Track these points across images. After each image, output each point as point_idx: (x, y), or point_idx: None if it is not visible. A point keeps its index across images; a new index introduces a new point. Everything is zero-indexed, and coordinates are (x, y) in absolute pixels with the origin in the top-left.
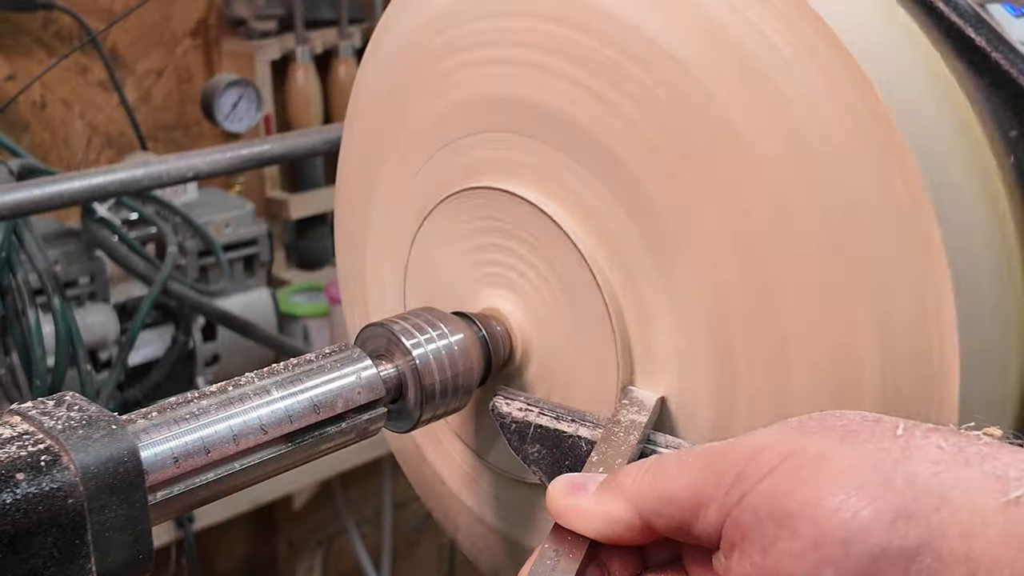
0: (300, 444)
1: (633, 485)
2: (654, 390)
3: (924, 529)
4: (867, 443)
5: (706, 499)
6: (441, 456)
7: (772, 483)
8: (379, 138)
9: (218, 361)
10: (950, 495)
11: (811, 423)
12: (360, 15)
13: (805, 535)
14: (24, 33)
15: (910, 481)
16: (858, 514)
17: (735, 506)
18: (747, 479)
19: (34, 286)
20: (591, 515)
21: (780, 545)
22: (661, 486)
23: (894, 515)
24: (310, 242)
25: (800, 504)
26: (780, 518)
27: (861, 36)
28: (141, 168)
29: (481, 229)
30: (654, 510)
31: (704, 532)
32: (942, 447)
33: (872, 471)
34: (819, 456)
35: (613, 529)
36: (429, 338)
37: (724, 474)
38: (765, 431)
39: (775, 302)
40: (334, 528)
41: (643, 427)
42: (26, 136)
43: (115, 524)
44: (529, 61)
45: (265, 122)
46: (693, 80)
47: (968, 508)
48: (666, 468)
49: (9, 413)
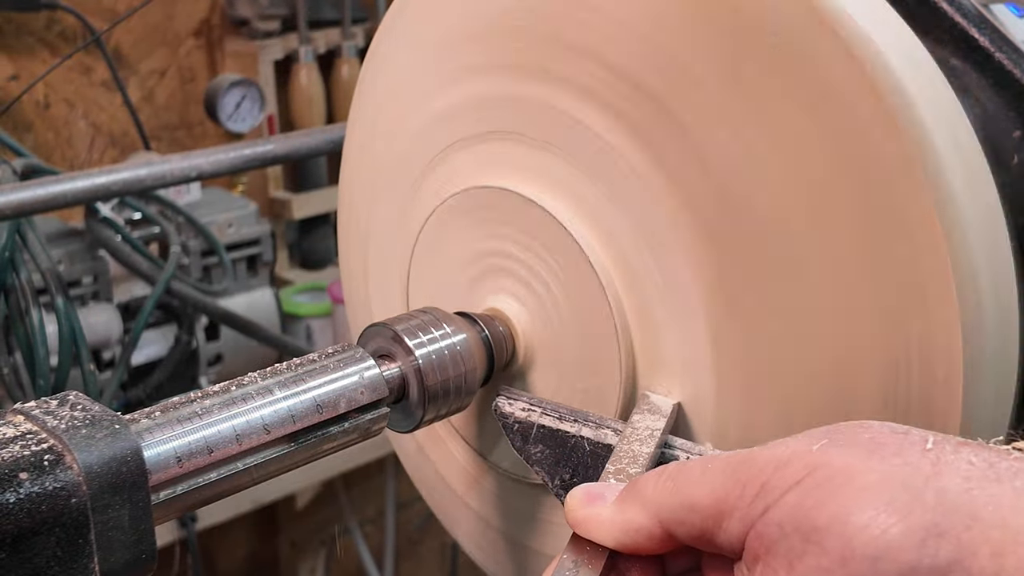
0: (303, 444)
1: (654, 493)
2: (655, 390)
3: (955, 547)
4: (895, 457)
5: (729, 508)
6: (444, 456)
7: (799, 496)
8: (381, 139)
9: (221, 361)
10: (981, 512)
11: (838, 435)
12: (363, 15)
13: (833, 551)
14: (28, 33)
15: (941, 498)
16: (888, 531)
17: (760, 518)
18: (772, 490)
19: (38, 286)
20: (610, 524)
21: (807, 560)
22: (683, 493)
23: (924, 532)
24: (313, 242)
25: (828, 519)
26: (807, 532)
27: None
28: (144, 168)
29: (484, 229)
30: (676, 518)
31: (727, 542)
32: (972, 463)
33: (902, 487)
34: (847, 470)
35: (633, 538)
36: (432, 338)
37: (748, 483)
38: (791, 440)
39: (778, 304)
40: (337, 527)
41: (661, 433)
42: (30, 136)
43: (118, 524)
44: (530, 61)
45: (268, 122)
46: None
47: (1000, 526)
48: (688, 475)
49: (12, 412)
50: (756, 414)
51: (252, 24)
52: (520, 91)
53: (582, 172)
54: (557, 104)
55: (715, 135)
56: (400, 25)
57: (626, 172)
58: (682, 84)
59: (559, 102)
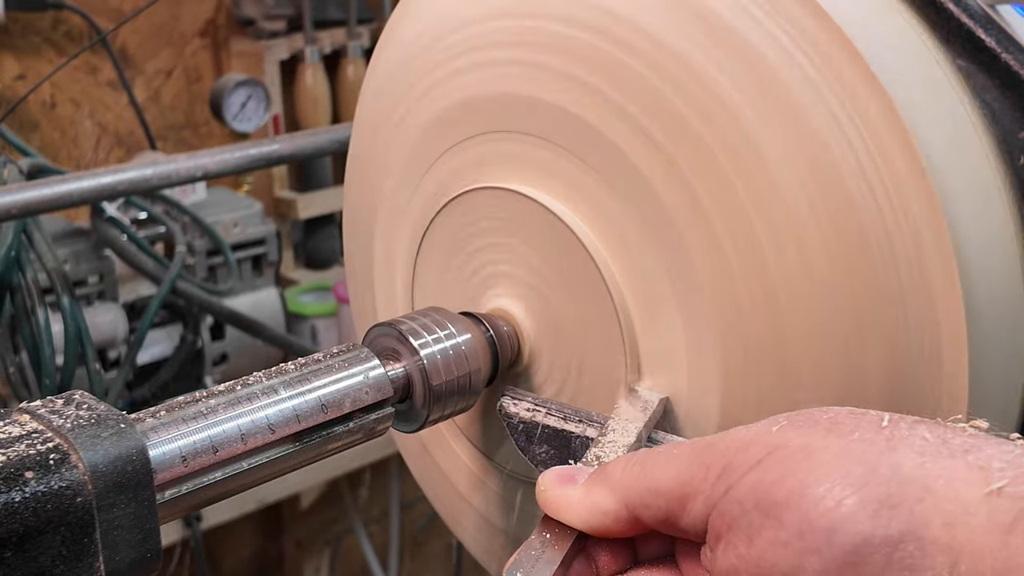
0: (308, 443)
1: (621, 476)
2: (662, 390)
3: (907, 518)
4: (852, 434)
5: (693, 491)
6: (448, 456)
7: (759, 475)
8: (386, 139)
9: (226, 360)
10: (934, 485)
11: (798, 417)
12: (369, 15)
13: (790, 524)
14: (34, 33)
15: (895, 471)
16: (842, 503)
17: (722, 497)
18: (734, 471)
19: (43, 285)
20: (579, 506)
21: (765, 534)
22: (649, 477)
23: (878, 504)
24: (318, 242)
25: (786, 494)
26: (766, 508)
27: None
28: (150, 168)
29: (489, 229)
30: (641, 501)
31: (691, 524)
32: (927, 439)
33: (857, 461)
34: (805, 447)
35: (600, 520)
36: (437, 338)
37: (711, 466)
38: (753, 425)
39: (783, 304)
40: (342, 527)
41: (643, 426)
42: (36, 135)
43: (123, 522)
44: (534, 60)
45: (274, 122)
46: (704, 85)
47: (951, 498)
48: (655, 460)
49: (18, 411)
50: (759, 413)
51: (258, 24)
52: (524, 90)
53: (596, 175)
54: (556, 102)
55: (720, 128)
56: (403, 26)
57: (631, 172)
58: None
59: (558, 99)
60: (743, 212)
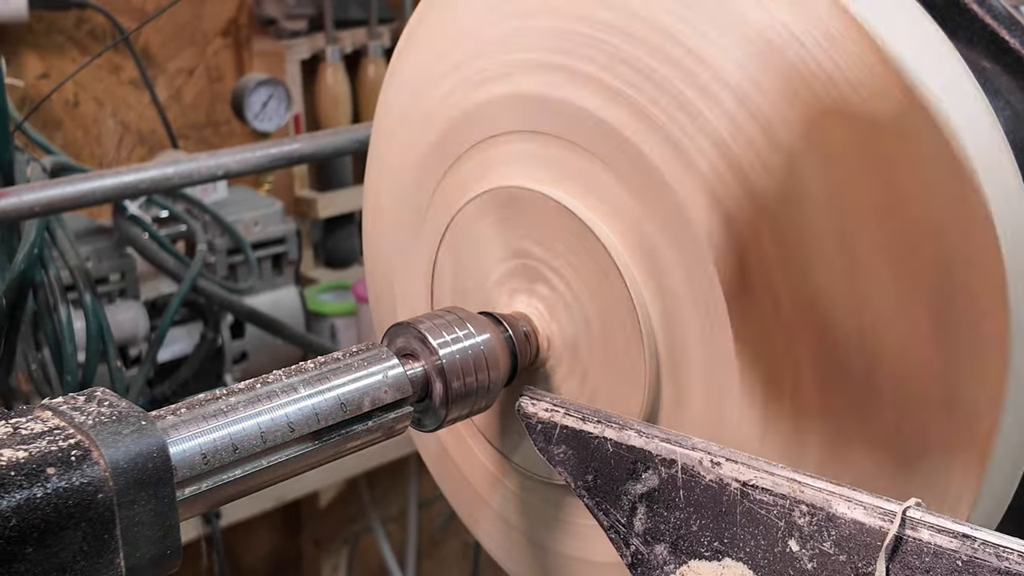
0: (327, 442)
1: None
2: (682, 392)
3: None
4: None
5: None
6: (466, 456)
7: None
8: (407, 140)
9: (246, 358)
10: None
11: None
12: (390, 15)
13: None
14: (57, 32)
15: None
16: None
17: None
18: None
19: (66, 282)
20: None
21: None
22: None
23: None
24: (338, 241)
25: None
26: None
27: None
28: (172, 166)
29: (508, 229)
30: None
31: None
32: None
33: None
34: None
35: None
36: (456, 338)
37: None
38: None
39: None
40: (360, 526)
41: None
42: (59, 134)
43: (144, 519)
44: (557, 62)
45: (294, 121)
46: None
47: None
48: None
49: (40, 408)
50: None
51: (279, 24)
52: (547, 91)
53: (614, 176)
54: (584, 104)
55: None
56: (424, 26)
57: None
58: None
59: (586, 102)
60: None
